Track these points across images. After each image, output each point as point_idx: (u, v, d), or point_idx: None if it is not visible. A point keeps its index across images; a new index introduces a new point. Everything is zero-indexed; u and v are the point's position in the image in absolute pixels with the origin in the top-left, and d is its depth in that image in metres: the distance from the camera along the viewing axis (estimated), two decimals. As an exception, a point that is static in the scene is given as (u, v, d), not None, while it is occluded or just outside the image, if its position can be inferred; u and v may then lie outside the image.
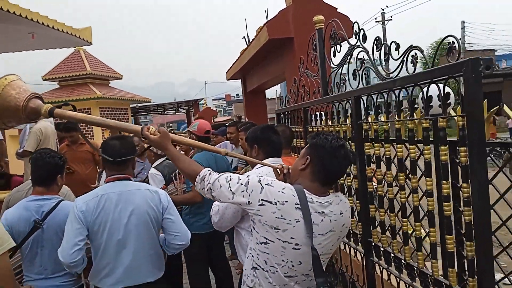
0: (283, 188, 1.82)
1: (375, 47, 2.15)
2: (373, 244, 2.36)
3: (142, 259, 2.48)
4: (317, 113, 3.12)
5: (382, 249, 2.27)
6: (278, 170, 2.06)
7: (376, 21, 29.24)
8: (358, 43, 2.35)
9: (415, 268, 1.96)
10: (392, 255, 2.16)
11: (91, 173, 5.59)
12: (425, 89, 1.80)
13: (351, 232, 2.68)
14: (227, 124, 6.53)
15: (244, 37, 7.73)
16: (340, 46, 2.66)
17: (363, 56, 2.31)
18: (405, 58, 1.90)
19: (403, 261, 2.07)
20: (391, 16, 29.96)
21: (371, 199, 2.36)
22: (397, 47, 1.94)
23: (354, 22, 2.39)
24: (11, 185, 5.34)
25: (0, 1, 6.63)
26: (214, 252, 3.93)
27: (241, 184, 1.87)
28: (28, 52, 10.79)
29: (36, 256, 2.60)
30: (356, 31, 2.35)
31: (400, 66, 1.92)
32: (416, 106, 1.91)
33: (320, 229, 1.82)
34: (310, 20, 3.41)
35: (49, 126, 5.94)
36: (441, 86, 1.69)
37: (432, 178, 1.85)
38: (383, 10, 29.13)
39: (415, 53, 1.83)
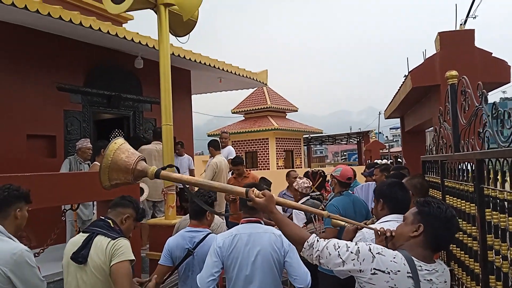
0: (394, 257, 1.86)
1: (492, 111, 2.06)
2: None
3: None
4: (452, 167, 2.99)
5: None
6: (378, 232, 2.13)
7: None
8: (481, 106, 2.27)
9: None
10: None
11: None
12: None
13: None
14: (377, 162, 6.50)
15: (405, 75, 7.57)
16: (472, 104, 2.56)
17: (485, 119, 2.22)
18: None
19: None
20: None
21: (491, 269, 2.20)
22: (509, 116, 1.85)
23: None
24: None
25: (193, 55, 8.28)
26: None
27: (351, 252, 1.90)
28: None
29: (188, 278, 3.16)
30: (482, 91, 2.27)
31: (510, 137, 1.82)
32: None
33: None
34: (460, 67, 3.29)
35: (223, 161, 6.97)
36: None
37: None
38: None
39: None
